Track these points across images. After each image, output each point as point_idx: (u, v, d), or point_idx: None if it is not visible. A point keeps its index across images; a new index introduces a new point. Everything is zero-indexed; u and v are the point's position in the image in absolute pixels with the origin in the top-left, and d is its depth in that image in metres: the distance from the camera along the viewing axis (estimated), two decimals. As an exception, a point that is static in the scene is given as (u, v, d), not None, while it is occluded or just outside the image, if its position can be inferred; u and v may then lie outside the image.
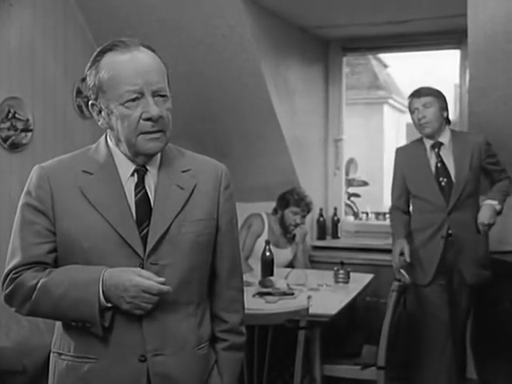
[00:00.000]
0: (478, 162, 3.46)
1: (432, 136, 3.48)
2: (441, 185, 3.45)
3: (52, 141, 3.85)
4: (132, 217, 1.57)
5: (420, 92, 3.47)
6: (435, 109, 3.44)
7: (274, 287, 3.43)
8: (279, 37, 4.35)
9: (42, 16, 3.76)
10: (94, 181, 1.59)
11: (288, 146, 4.50)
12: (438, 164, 3.48)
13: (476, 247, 3.48)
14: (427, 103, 3.44)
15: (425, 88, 3.50)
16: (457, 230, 3.45)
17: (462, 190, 3.42)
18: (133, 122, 1.53)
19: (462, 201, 3.43)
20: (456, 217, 3.44)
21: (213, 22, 3.87)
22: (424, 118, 3.44)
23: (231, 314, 1.73)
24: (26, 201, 1.60)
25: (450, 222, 3.44)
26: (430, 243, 3.49)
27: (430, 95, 3.45)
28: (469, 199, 3.45)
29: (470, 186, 3.44)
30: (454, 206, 3.43)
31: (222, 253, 1.70)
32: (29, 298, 1.55)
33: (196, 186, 1.64)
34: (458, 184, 3.43)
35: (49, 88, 3.84)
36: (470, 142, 3.47)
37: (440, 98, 3.47)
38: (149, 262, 1.55)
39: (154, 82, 1.54)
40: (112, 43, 1.57)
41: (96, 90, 1.56)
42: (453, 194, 3.43)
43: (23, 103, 3.63)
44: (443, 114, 3.47)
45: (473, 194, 3.47)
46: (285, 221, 4.30)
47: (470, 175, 3.43)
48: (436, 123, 3.44)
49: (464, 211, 3.44)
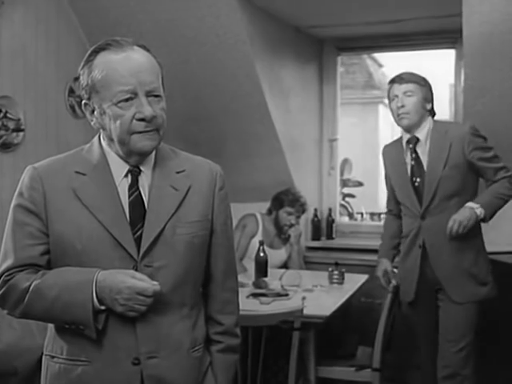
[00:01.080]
0: (461, 156, 2.95)
1: (409, 129, 3.05)
2: (414, 185, 3.05)
3: (44, 141, 3.84)
4: (126, 218, 1.57)
5: (402, 78, 3.03)
6: (417, 98, 3.00)
7: (268, 288, 3.44)
8: (273, 36, 4.36)
9: (34, 14, 3.76)
10: (87, 182, 1.58)
11: (282, 146, 4.50)
12: (413, 162, 3.06)
13: (460, 258, 2.98)
14: (408, 91, 3.00)
15: (408, 74, 3.06)
16: (431, 239, 3.00)
17: (435, 191, 2.97)
18: (126, 121, 1.52)
19: (436, 204, 2.98)
20: (430, 223, 3.00)
21: (207, 22, 3.87)
22: (403, 108, 3.00)
23: (226, 315, 1.73)
24: (18, 202, 1.60)
25: (424, 228, 3.02)
26: (409, 254, 3.11)
27: (412, 82, 3.01)
28: (447, 202, 2.97)
29: (447, 186, 2.96)
30: (427, 210, 3.00)
31: (216, 254, 1.71)
32: (21, 301, 1.55)
33: (190, 187, 1.64)
34: (429, 184, 2.98)
35: (41, 87, 3.83)
36: (450, 133, 2.98)
37: (424, 87, 3.03)
38: (143, 264, 1.55)
39: (148, 82, 1.53)
40: (106, 42, 1.56)
41: (89, 89, 1.56)
42: (424, 195, 3.00)
43: (15, 102, 3.62)
44: (426, 105, 3.04)
45: (453, 196, 2.97)
46: (279, 221, 4.30)
47: (447, 173, 2.95)
48: (415, 115, 3.00)
49: (441, 216, 2.96)
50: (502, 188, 2.98)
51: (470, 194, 3.01)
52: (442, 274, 2.99)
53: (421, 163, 3.03)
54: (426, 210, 3.00)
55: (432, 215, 2.99)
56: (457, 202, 2.95)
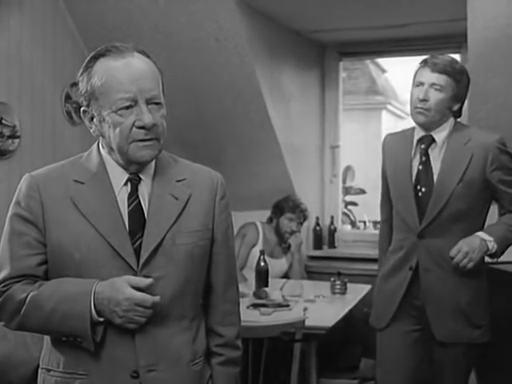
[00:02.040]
0: (480, 172, 2.51)
1: (425, 127, 2.58)
2: (418, 195, 2.57)
3: (40, 148, 3.85)
4: (125, 228, 1.57)
5: (436, 64, 2.51)
6: (445, 96, 2.51)
7: (268, 298, 3.43)
8: (274, 41, 4.37)
9: (30, 18, 3.77)
10: (86, 190, 1.58)
11: (283, 153, 4.51)
12: (420, 166, 2.58)
13: (456, 294, 2.54)
14: (438, 84, 2.51)
15: (446, 60, 2.53)
16: (427, 263, 2.56)
17: (443, 208, 2.51)
18: (125, 129, 1.53)
19: (441, 223, 2.53)
20: (428, 244, 2.55)
21: (206, 26, 3.89)
22: (424, 102, 2.52)
23: (227, 327, 1.73)
24: (15, 211, 1.60)
25: (420, 249, 2.57)
26: (395, 274, 2.64)
27: (447, 74, 2.50)
28: (452, 224, 2.53)
29: (457, 205, 2.51)
30: (428, 228, 2.54)
31: (217, 264, 1.71)
32: (18, 312, 1.55)
33: (191, 196, 1.64)
34: (437, 198, 2.52)
35: (37, 93, 3.84)
36: (474, 142, 2.52)
37: (459, 84, 2.53)
38: (142, 274, 1.55)
39: (148, 90, 1.54)
40: (105, 48, 1.57)
41: (88, 96, 1.56)
42: (428, 211, 2.54)
43: (10, 108, 3.63)
44: (453, 105, 2.55)
45: (460, 218, 2.53)
46: (280, 228, 4.32)
47: (460, 190, 2.50)
48: (437, 114, 2.53)
49: (443, 239, 2.52)
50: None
51: (479, 219, 2.58)
52: (430, 306, 2.56)
53: (430, 170, 2.57)
54: (426, 227, 2.54)
55: (432, 236, 2.54)
56: (463, 227, 2.52)
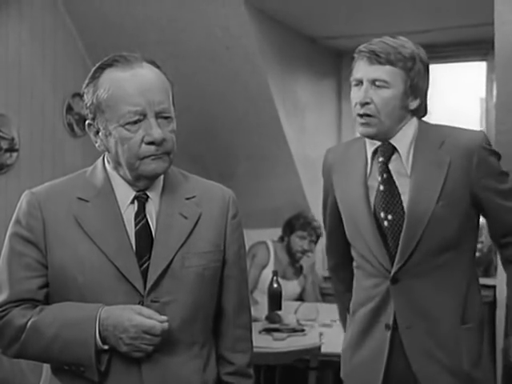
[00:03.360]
0: (465, 183, 1.99)
1: (378, 139, 2.05)
2: (381, 227, 2.03)
3: (39, 162, 3.87)
4: (131, 249, 1.57)
5: (374, 52, 1.97)
6: (394, 92, 1.97)
7: (282, 323, 3.42)
8: (287, 48, 4.39)
9: (30, 26, 3.81)
10: (90, 209, 1.59)
11: (297, 167, 4.51)
12: (381, 187, 2.03)
13: (456, 355, 2.02)
14: (381, 79, 1.96)
15: (387, 45, 1.97)
16: (409, 316, 2.01)
17: (421, 239, 1.98)
18: (134, 145, 1.53)
19: (418, 260, 1.99)
20: (408, 289, 2.00)
21: (215, 33, 3.91)
22: (365, 107, 1.98)
23: (238, 354, 1.72)
24: (14, 230, 1.60)
25: (396, 297, 2.01)
26: (368, 337, 2.09)
27: (391, 63, 1.96)
28: (435, 258, 2.00)
29: (443, 233, 1.99)
30: (404, 268, 2.00)
31: (228, 287, 1.70)
32: (17, 339, 1.54)
33: (201, 215, 1.64)
34: (411, 226, 1.98)
35: (36, 104, 3.87)
36: (451, 143, 2.00)
37: (412, 71, 1.98)
38: (149, 299, 1.55)
39: (158, 102, 1.53)
40: (112, 58, 1.57)
41: (94, 109, 1.56)
42: (401, 246, 1.99)
43: (8, 120, 3.66)
44: (408, 102, 2.01)
45: (449, 248, 2.01)
46: (291, 247, 4.31)
47: (442, 210, 1.97)
48: (387, 120, 1.98)
49: (425, 278, 2.00)
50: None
51: (470, 245, 2.08)
52: (423, 372, 2.02)
53: (395, 191, 2.02)
54: (400, 268, 2.00)
55: (410, 277, 2.00)
56: (450, 259, 2.01)
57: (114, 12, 3.98)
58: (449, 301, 2.02)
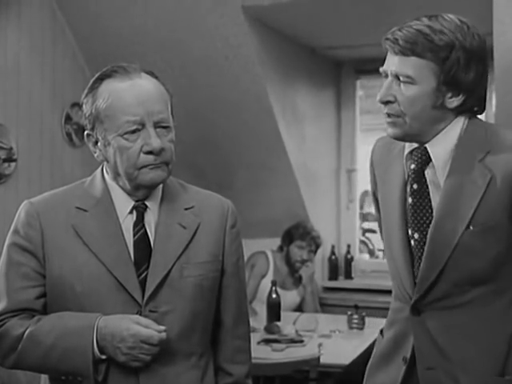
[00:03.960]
0: (505, 208, 1.61)
1: (408, 141, 1.73)
2: (410, 244, 1.73)
3: (38, 171, 3.87)
4: (130, 258, 1.58)
5: (397, 40, 1.63)
6: (422, 89, 1.62)
7: (281, 333, 3.41)
8: (286, 58, 4.40)
9: (29, 35, 3.82)
10: (89, 218, 1.59)
11: (296, 177, 4.51)
12: (409, 199, 1.72)
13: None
14: (404, 74, 1.63)
15: (414, 30, 1.62)
16: (431, 355, 1.70)
17: (443, 269, 1.65)
18: (132, 155, 1.54)
19: (445, 292, 1.67)
20: (431, 323, 1.70)
21: (215, 43, 3.92)
22: (389, 106, 1.67)
23: (236, 365, 1.72)
24: (13, 240, 1.61)
25: (416, 331, 1.72)
26: (385, 366, 1.83)
27: (416, 54, 1.60)
28: (466, 292, 1.66)
29: (471, 264, 1.64)
30: (424, 301, 1.70)
31: (226, 297, 1.71)
32: (14, 349, 1.55)
33: (200, 225, 1.64)
34: (433, 251, 1.67)
35: (35, 113, 3.87)
36: (496, 155, 1.63)
37: (447, 62, 1.60)
38: (147, 308, 1.56)
39: (156, 112, 1.55)
40: (111, 69, 1.59)
41: (93, 119, 1.57)
42: (420, 274, 1.69)
43: (6, 130, 3.66)
44: (445, 99, 1.64)
45: (481, 282, 1.66)
46: (290, 257, 4.31)
47: (473, 238, 1.62)
48: (415, 121, 1.65)
49: (455, 318, 1.68)
50: None
51: (509, 280, 1.68)
52: None
53: (427, 205, 1.71)
54: (421, 299, 1.69)
55: (434, 311, 1.69)
56: (484, 296, 1.67)
57: (113, 23, 3.99)
58: (483, 345, 1.65)
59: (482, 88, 1.66)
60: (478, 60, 1.62)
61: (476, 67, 1.62)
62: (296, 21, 4.11)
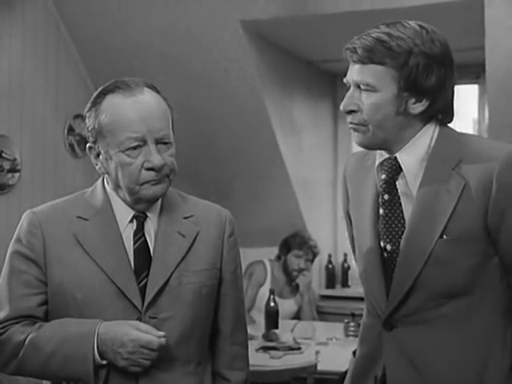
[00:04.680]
0: (479, 216, 1.53)
1: (375, 149, 1.67)
2: (383, 256, 1.64)
3: (41, 182, 3.88)
4: (130, 266, 1.59)
5: (356, 49, 1.59)
6: (382, 96, 1.56)
7: (278, 341, 3.41)
8: (284, 71, 4.42)
9: (33, 48, 3.84)
10: (90, 227, 1.60)
11: (294, 188, 4.52)
12: (381, 209, 1.65)
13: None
14: (364, 82, 1.57)
15: (371, 37, 1.57)
16: (401, 373, 1.60)
17: (415, 282, 1.56)
18: (134, 171, 1.54)
19: (416, 306, 1.58)
20: (404, 339, 1.60)
21: (214, 56, 3.94)
22: (353, 116, 1.60)
23: (234, 372, 1.72)
24: (15, 248, 1.61)
25: (388, 347, 1.62)
26: (362, 381, 1.71)
27: (375, 61, 1.55)
28: (439, 306, 1.56)
29: (445, 276, 1.55)
30: (398, 313, 1.60)
31: (224, 305, 1.71)
32: (15, 356, 1.55)
33: (198, 234, 1.65)
34: (405, 263, 1.59)
35: (38, 125, 3.88)
36: (470, 162, 1.56)
37: (406, 67, 1.54)
38: (147, 315, 1.56)
39: (158, 129, 1.55)
40: (114, 84, 1.59)
41: (95, 133, 1.58)
42: (392, 285, 1.60)
43: (10, 141, 3.67)
44: (408, 106, 1.57)
45: (457, 295, 1.56)
46: (287, 266, 4.31)
47: (447, 248, 1.54)
48: (378, 130, 1.58)
49: (429, 334, 1.58)
50: None
51: (493, 292, 1.58)
52: None
53: (398, 216, 1.63)
54: (394, 312, 1.60)
55: (407, 325, 1.59)
56: (460, 309, 1.57)
57: (114, 37, 4.01)
58: (458, 362, 1.56)
59: (446, 93, 1.60)
60: (440, 65, 1.56)
61: (438, 72, 1.56)
62: (293, 35, 4.13)
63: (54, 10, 3.97)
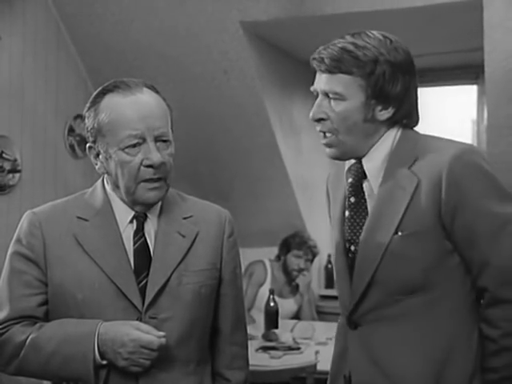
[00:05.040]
0: (433, 212, 1.54)
1: (346, 159, 1.71)
2: (348, 256, 1.68)
3: (41, 182, 3.88)
4: (130, 266, 1.59)
5: (322, 59, 1.62)
6: (351, 104, 1.59)
7: (278, 341, 3.41)
8: (284, 72, 4.42)
9: (33, 50, 3.84)
10: (90, 228, 1.60)
11: (293, 188, 4.52)
12: (347, 212, 1.69)
13: None
14: (332, 91, 1.61)
15: (337, 47, 1.62)
16: (364, 373, 1.61)
17: (373, 278, 1.58)
18: (133, 168, 1.55)
19: (374, 304, 1.60)
20: (366, 338, 1.61)
21: (214, 57, 3.94)
22: (322, 124, 1.64)
23: (234, 371, 1.72)
24: (15, 249, 1.61)
25: (352, 348, 1.65)
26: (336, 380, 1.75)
27: (342, 71, 1.59)
28: (403, 302, 1.57)
29: (404, 270, 1.56)
30: (356, 313, 1.62)
31: (224, 305, 1.71)
32: (16, 356, 1.55)
33: (198, 234, 1.65)
34: (363, 260, 1.62)
35: (39, 126, 3.89)
36: (424, 161, 1.59)
37: (373, 76, 1.58)
38: (147, 315, 1.56)
39: (157, 127, 1.56)
40: (113, 84, 1.59)
41: (95, 132, 1.58)
42: (353, 282, 1.64)
43: (11, 142, 3.67)
44: (374, 113, 1.61)
45: (417, 292, 1.56)
46: (287, 266, 4.31)
47: (402, 244, 1.56)
48: (349, 137, 1.62)
49: (390, 332, 1.58)
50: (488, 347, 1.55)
51: (453, 291, 1.58)
52: None
53: (364, 218, 1.67)
54: (355, 310, 1.62)
55: (370, 323, 1.61)
56: (418, 305, 1.57)
57: (114, 38, 4.02)
58: (418, 360, 1.55)
59: (410, 99, 1.64)
60: (404, 72, 1.61)
61: (403, 79, 1.61)
62: (293, 36, 4.13)
63: (55, 11, 3.97)
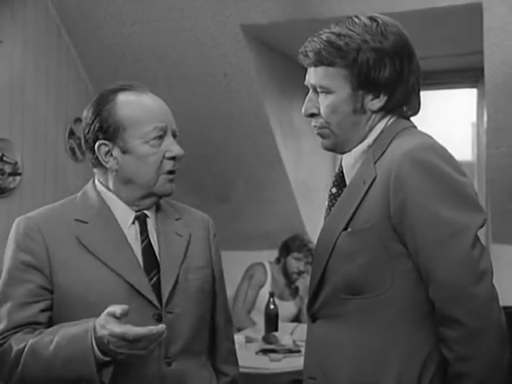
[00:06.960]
0: (383, 211, 1.46)
1: (341, 152, 1.63)
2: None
3: (42, 185, 3.88)
4: (139, 265, 1.60)
5: (305, 52, 1.60)
6: (338, 96, 1.54)
7: (278, 344, 3.41)
8: (284, 75, 4.42)
9: (34, 53, 3.84)
10: (92, 229, 1.59)
11: (294, 191, 4.52)
12: (327, 202, 1.65)
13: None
14: (318, 84, 1.56)
15: (319, 40, 1.56)
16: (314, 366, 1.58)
17: (323, 272, 1.54)
18: (156, 160, 1.59)
19: (325, 299, 1.56)
20: (319, 331, 1.58)
21: (214, 60, 3.94)
22: (315, 119, 1.59)
23: (231, 366, 1.79)
24: (14, 256, 1.57)
25: (307, 340, 1.65)
26: None
27: (324, 63, 1.54)
28: (350, 301, 1.51)
29: (347, 268, 1.50)
30: (317, 306, 1.59)
31: (219, 302, 1.77)
32: (17, 365, 1.49)
33: (191, 234, 1.70)
34: (317, 256, 1.61)
35: (39, 129, 3.88)
36: (386, 159, 1.50)
37: (356, 65, 1.51)
38: (166, 310, 1.58)
39: (173, 122, 1.65)
40: (120, 85, 1.65)
41: (112, 128, 1.58)
42: (310, 276, 1.65)
43: (11, 145, 3.67)
44: (367, 102, 1.54)
45: (360, 291, 1.49)
46: (287, 268, 4.31)
47: (348, 241, 1.50)
48: (340, 130, 1.56)
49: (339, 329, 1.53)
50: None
51: (399, 296, 1.48)
52: None
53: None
54: (311, 305, 1.61)
55: (324, 318, 1.58)
56: (363, 308, 1.50)
57: (115, 41, 4.02)
58: (354, 363, 1.50)
59: (405, 84, 1.54)
60: (393, 56, 1.52)
61: (391, 64, 1.51)
62: (293, 39, 4.12)
63: (56, 15, 3.97)
